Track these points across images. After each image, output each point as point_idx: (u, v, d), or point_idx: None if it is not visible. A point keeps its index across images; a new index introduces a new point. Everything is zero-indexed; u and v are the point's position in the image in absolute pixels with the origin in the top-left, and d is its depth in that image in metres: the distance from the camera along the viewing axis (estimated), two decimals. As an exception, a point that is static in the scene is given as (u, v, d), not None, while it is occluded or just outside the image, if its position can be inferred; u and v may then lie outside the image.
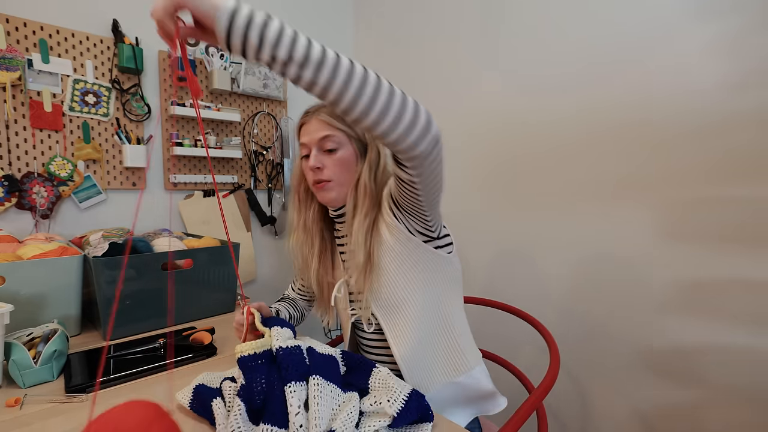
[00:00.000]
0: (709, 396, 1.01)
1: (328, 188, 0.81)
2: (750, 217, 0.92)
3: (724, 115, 0.94)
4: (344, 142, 0.80)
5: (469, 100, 1.50)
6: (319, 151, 0.80)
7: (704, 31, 0.96)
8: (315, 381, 0.57)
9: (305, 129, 0.83)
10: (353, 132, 0.81)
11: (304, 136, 0.83)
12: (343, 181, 0.81)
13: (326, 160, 0.80)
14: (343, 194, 0.82)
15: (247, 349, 0.61)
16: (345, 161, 0.80)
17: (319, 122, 0.80)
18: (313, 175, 0.81)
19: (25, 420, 0.62)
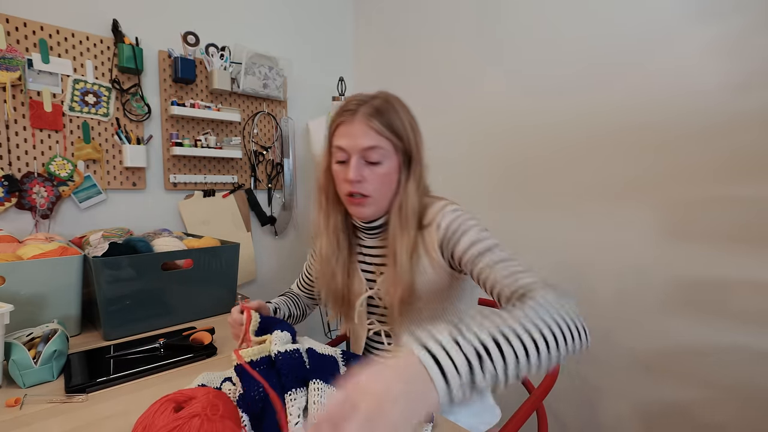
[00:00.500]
0: (709, 396, 1.00)
1: (366, 204, 0.73)
2: (753, 217, 0.92)
3: (727, 116, 0.94)
4: (390, 153, 0.71)
5: (472, 100, 1.49)
6: (361, 162, 0.71)
7: (706, 32, 0.96)
8: (315, 385, 0.57)
9: (346, 130, 0.71)
10: (401, 143, 0.72)
11: (344, 139, 0.71)
12: (381, 197, 0.73)
13: (368, 173, 0.71)
14: (379, 210, 0.75)
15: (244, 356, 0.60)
16: (388, 176, 0.72)
17: (366, 127, 0.70)
18: (349, 186, 0.72)
19: (25, 420, 0.62)
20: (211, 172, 1.56)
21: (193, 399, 0.48)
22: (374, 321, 0.84)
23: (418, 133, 0.75)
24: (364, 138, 0.70)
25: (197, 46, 1.44)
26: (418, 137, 0.75)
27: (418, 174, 0.74)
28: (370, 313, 0.84)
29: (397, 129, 0.71)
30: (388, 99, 0.74)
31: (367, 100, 0.72)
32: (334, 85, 1.83)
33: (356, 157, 0.70)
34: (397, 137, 0.71)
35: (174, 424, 0.44)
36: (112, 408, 0.66)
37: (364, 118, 0.70)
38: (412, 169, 0.74)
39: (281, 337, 0.64)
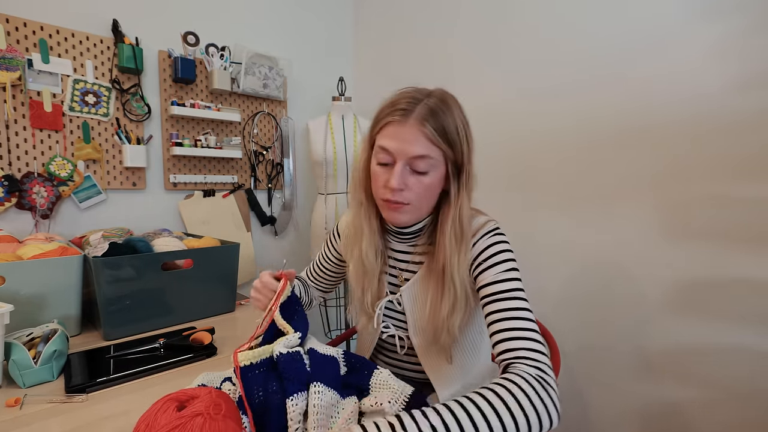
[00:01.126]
0: (710, 396, 1.01)
1: (403, 212, 0.69)
2: (754, 217, 0.92)
3: (727, 117, 0.94)
4: (439, 163, 0.66)
5: (472, 100, 1.49)
6: (407, 169, 0.66)
7: (707, 33, 0.96)
8: (316, 389, 0.57)
9: (396, 132, 0.65)
10: (452, 153, 0.67)
11: (392, 141, 0.65)
12: (421, 206, 0.70)
13: (412, 181, 0.66)
14: (416, 217, 0.71)
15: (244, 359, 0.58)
16: (432, 187, 0.68)
17: (420, 133, 0.64)
18: (389, 193, 0.67)
19: (25, 420, 0.62)
20: (211, 172, 1.56)
21: (195, 398, 0.48)
22: (389, 325, 0.82)
23: (471, 140, 0.70)
24: (414, 145, 0.64)
25: (197, 46, 1.44)
26: (470, 145, 0.70)
27: (471, 185, 0.70)
28: (386, 316, 0.82)
29: (450, 137, 0.66)
30: (444, 98, 0.68)
31: (422, 99, 0.66)
32: (334, 85, 1.83)
33: (401, 163, 0.65)
34: (449, 146, 0.66)
35: (176, 423, 0.44)
36: (112, 408, 0.66)
37: (418, 123, 0.64)
38: (463, 179, 0.69)
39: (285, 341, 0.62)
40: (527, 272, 1.33)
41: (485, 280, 0.68)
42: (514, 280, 0.67)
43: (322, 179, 1.64)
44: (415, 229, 0.75)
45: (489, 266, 0.68)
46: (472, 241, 0.71)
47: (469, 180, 0.70)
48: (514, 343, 0.60)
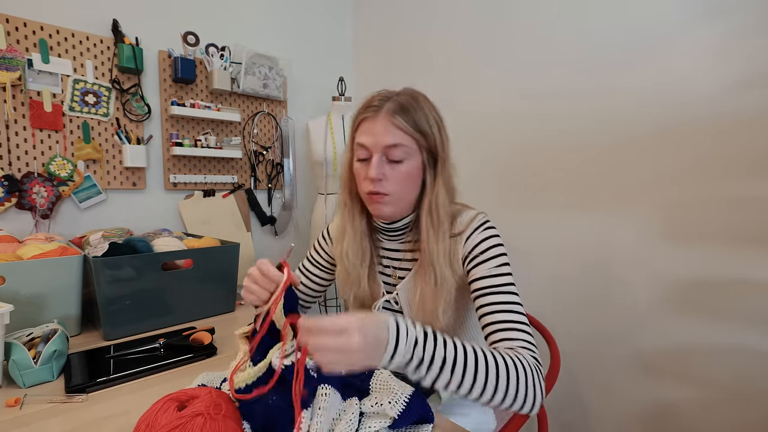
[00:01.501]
0: (709, 396, 1.01)
1: (385, 202, 0.71)
2: (754, 217, 0.92)
3: (728, 117, 0.94)
4: (413, 152, 0.69)
5: (472, 100, 1.50)
6: (383, 160, 0.69)
7: (708, 33, 0.96)
8: (323, 391, 0.56)
9: (369, 127, 0.70)
10: (426, 141, 0.70)
11: (366, 136, 0.70)
12: (402, 196, 0.71)
13: (389, 171, 0.69)
14: (399, 209, 0.73)
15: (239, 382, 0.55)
16: (410, 175, 0.70)
17: (389, 124, 0.68)
18: (370, 185, 0.70)
19: (25, 420, 0.62)
20: (211, 172, 1.56)
21: (195, 398, 0.48)
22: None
23: (444, 131, 0.73)
24: (386, 135, 0.68)
25: (197, 46, 1.44)
26: (444, 136, 0.73)
27: (447, 173, 0.73)
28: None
29: (421, 127, 0.69)
30: (413, 95, 0.72)
31: (391, 96, 0.71)
32: (334, 85, 1.83)
33: (378, 155, 0.69)
34: (421, 135, 0.69)
35: (177, 423, 0.44)
36: (112, 408, 0.66)
37: (388, 115, 0.68)
38: (439, 168, 0.72)
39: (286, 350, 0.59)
40: (527, 272, 1.33)
41: (477, 274, 0.70)
42: (506, 275, 0.69)
43: (322, 179, 1.64)
44: (402, 224, 0.76)
45: (482, 261, 0.70)
46: (464, 236, 0.72)
47: (445, 168, 0.72)
48: (510, 334, 0.63)
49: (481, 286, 0.69)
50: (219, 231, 1.52)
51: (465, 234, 0.72)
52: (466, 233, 0.72)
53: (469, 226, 0.73)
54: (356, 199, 0.77)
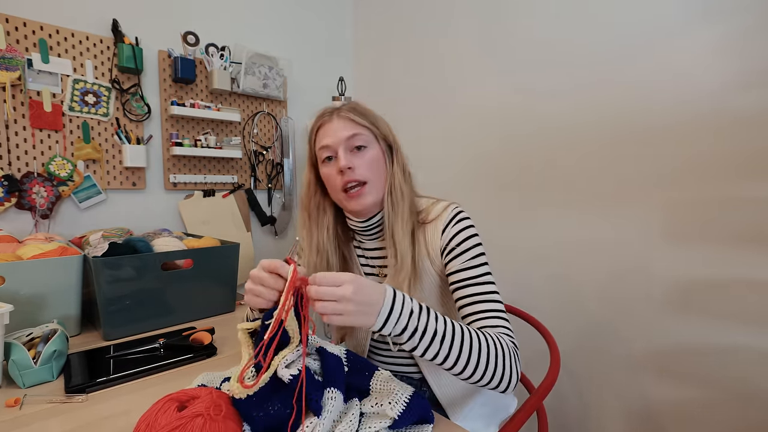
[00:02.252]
0: (709, 396, 1.01)
1: (365, 192, 0.73)
2: (754, 217, 0.92)
3: (727, 117, 0.94)
4: (371, 140, 0.76)
5: (472, 100, 1.50)
6: (348, 151, 0.74)
7: (711, 31, 0.96)
8: (330, 394, 0.56)
9: (326, 130, 0.76)
10: (378, 130, 0.76)
11: (327, 138, 0.75)
12: (377, 184, 0.75)
13: (357, 159, 0.73)
14: (378, 199, 0.75)
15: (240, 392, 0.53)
16: (376, 161, 0.75)
17: (343, 120, 0.75)
18: (343, 177, 0.73)
19: (24, 420, 0.62)
20: (211, 172, 1.56)
21: (196, 399, 0.48)
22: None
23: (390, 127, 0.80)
24: (345, 129, 0.74)
25: (197, 46, 1.44)
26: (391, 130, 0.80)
27: (401, 159, 0.78)
28: None
29: (371, 119, 0.77)
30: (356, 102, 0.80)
31: (339, 105, 0.78)
32: (334, 85, 1.83)
33: (342, 148, 0.74)
34: (374, 125, 0.76)
35: (177, 423, 0.44)
36: (112, 408, 0.66)
37: (341, 113, 0.76)
38: (394, 154, 0.78)
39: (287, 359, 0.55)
40: (528, 272, 1.33)
41: (455, 266, 0.73)
42: (482, 265, 0.73)
43: (322, 179, 1.64)
44: (376, 220, 0.79)
45: (459, 253, 0.73)
46: (440, 227, 0.75)
47: (399, 154, 0.78)
48: (489, 322, 0.68)
49: (459, 279, 0.72)
50: (219, 231, 1.52)
51: (440, 225, 0.75)
52: (440, 224, 0.75)
53: (442, 216, 0.76)
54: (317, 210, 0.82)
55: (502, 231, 1.41)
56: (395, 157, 0.77)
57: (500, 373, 0.61)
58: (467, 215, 0.77)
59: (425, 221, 0.77)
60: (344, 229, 0.85)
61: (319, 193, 0.81)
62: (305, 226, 0.83)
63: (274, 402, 0.54)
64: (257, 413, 0.53)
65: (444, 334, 0.57)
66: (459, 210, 0.77)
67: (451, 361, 0.58)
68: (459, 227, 0.74)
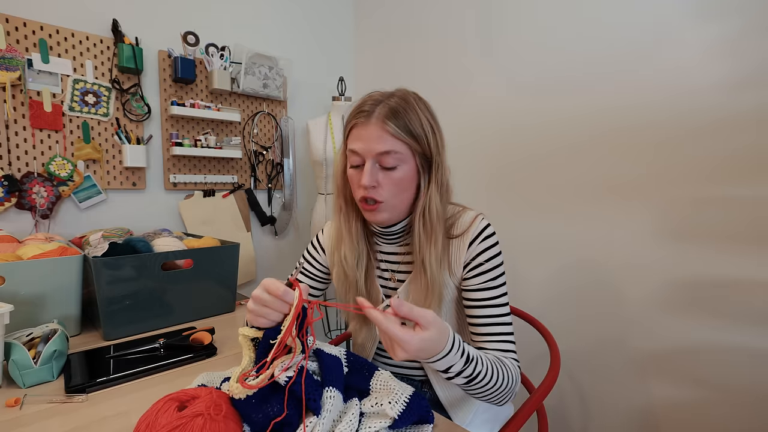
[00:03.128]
0: (709, 396, 1.01)
1: (380, 210, 0.70)
2: (752, 217, 0.92)
3: (725, 116, 0.95)
4: (407, 157, 0.68)
5: (472, 100, 1.50)
6: (375, 166, 0.68)
7: (706, 32, 0.96)
8: (329, 393, 0.56)
9: (361, 133, 0.68)
10: (419, 146, 0.68)
11: (359, 142, 0.68)
12: (396, 203, 0.70)
13: (383, 178, 0.68)
14: (395, 215, 0.72)
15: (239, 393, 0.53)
16: (403, 181, 0.69)
17: (382, 130, 0.66)
18: (363, 192, 0.69)
19: (25, 420, 0.62)
20: (211, 172, 1.56)
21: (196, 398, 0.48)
22: None
23: (438, 133, 0.71)
24: (378, 142, 0.66)
25: (197, 46, 1.44)
26: (438, 138, 0.71)
27: (440, 177, 0.71)
28: None
29: (414, 131, 0.67)
30: (405, 98, 0.70)
31: (383, 100, 0.69)
32: (334, 85, 1.83)
33: (371, 162, 0.67)
34: (414, 140, 0.67)
35: (177, 423, 0.44)
36: (112, 408, 0.66)
37: (379, 121, 0.66)
38: (433, 171, 0.70)
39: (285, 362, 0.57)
40: (527, 272, 1.33)
41: (474, 284, 0.72)
42: (501, 286, 0.73)
43: (322, 179, 1.64)
44: (398, 228, 0.75)
45: (481, 272, 0.72)
46: (467, 241, 0.72)
47: (439, 172, 0.70)
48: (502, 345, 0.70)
49: (476, 298, 0.72)
50: (219, 231, 1.52)
51: (467, 238, 0.72)
52: (468, 238, 0.72)
53: (470, 230, 0.73)
54: (351, 203, 0.77)
55: (501, 230, 1.40)
56: (434, 175, 0.70)
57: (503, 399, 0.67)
58: (493, 229, 0.74)
59: (453, 236, 0.73)
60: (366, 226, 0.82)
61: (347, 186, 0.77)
62: (342, 212, 0.77)
63: (273, 403, 0.54)
64: (256, 414, 0.53)
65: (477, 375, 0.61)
66: (487, 224, 0.74)
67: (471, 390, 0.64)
68: (486, 245, 0.72)
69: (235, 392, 0.53)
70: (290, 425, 0.52)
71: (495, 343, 0.70)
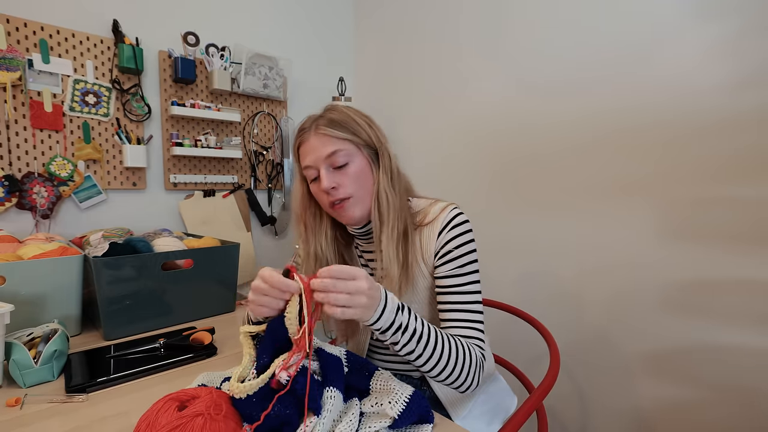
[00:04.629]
0: (708, 396, 1.01)
1: (350, 205, 0.73)
2: (753, 217, 0.92)
3: (726, 116, 0.95)
4: (354, 152, 0.73)
5: (472, 99, 1.50)
6: (330, 170, 0.72)
7: (707, 32, 0.96)
8: (330, 393, 0.56)
9: (306, 148, 0.74)
10: (360, 138, 0.73)
11: (308, 157, 0.73)
12: (363, 195, 0.74)
13: (340, 177, 0.72)
14: (366, 209, 0.75)
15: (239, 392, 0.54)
16: (360, 173, 0.73)
17: (320, 137, 0.72)
18: (328, 197, 0.73)
19: (25, 420, 0.62)
20: (211, 172, 1.56)
21: (196, 398, 0.48)
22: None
23: (374, 125, 0.77)
24: (323, 147, 0.72)
25: (197, 46, 1.44)
26: (375, 129, 0.76)
27: (387, 163, 0.75)
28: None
29: (350, 127, 0.73)
30: (335, 107, 0.77)
31: (317, 115, 0.75)
32: (334, 85, 1.83)
33: (324, 167, 0.72)
34: (353, 134, 0.73)
35: (177, 423, 0.44)
36: (112, 408, 0.66)
37: (318, 130, 0.72)
38: (380, 160, 0.75)
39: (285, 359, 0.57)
40: (527, 272, 1.34)
41: (443, 272, 0.74)
42: (471, 273, 0.74)
43: (322, 179, 1.64)
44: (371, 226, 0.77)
45: (449, 259, 0.73)
46: (436, 230, 0.74)
47: (384, 158, 0.75)
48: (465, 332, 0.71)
49: (444, 284, 0.73)
50: (219, 231, 1.52)
51: (436, 228, 0.74)
52: (437, 226, 0.74)
53: (439, 219, 0.75)
54: (314, 219, 0.81)
55: (501, 230, 1.41)
56: (381, 162, 0.75)
57: (462, 379, 0.66)
58: (465, 218, 0.75)
59: (422, 223, 0.76)
60: (344, 234, 0.85)
61: (314, 203, 0.81)
62: (302, 237, 0.82)
63: (274, 405, 0.54)
64: (257, 414, 0.53)
65: (421, 333, 0.61)
66: (457, 212, 0.75)
67: (423, 359, 0.63)
68: (455, 232, 0.73)
69: (236, 391, 0.53)
70: (290, 425, 0.53)
71: (459, 329, 0.71)
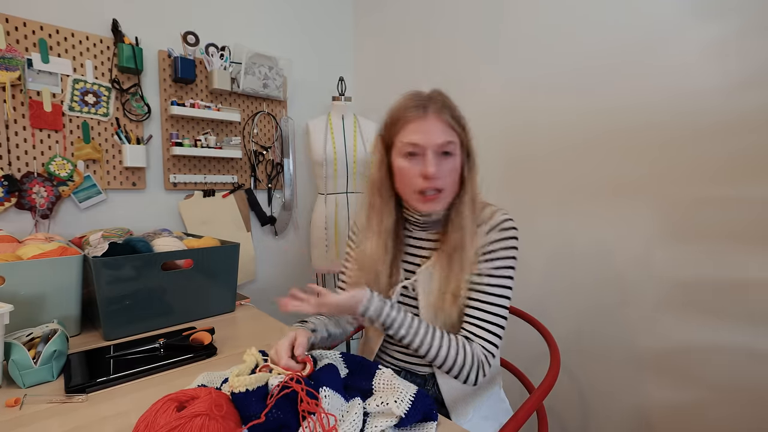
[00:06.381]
0: (708, 396, 1.01)
1: (440, 199, 0.73)
2: (753, 217, 0.92)
3: (726, 116, 0.94)
4: (458, 148, 0.73)
5: (472, 99, 1.49)
6: (437, 156, 0.71)
7: (707, 32, 0.96)
8: (324, 393, 0.56)
9: (420, 126, 0.71)
10: (465, 137, 0.74)
11: (418, 135, 0.71)
12: (451, 192, 0.74)
13: (442, 167, 0.71)
14: (446, 204, 0.75)
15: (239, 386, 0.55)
16: (456, 170, 0.73)
17: (441, 123, 0.71)
18: (424, 182, 0.71)
19: (25, 420, 0.62)
20: (211, 172, 1.56)
21: (195, 399, 0.48)
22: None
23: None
24: (440, 133, 0.70)
25: (197, 46, 1.44)
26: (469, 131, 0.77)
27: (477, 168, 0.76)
28: (400, 303, 0.81)
29: (461, 122, 0.74)
30: (446, 94, 0.76)
31: (432, 96, 0.74)
32: (334, 85, 1.83)
33: (432, 152, 0.70)
34: (462, 130, 0.73)
35: (176, 423, 0.44)
36: (112, 408, 0.66)
37: (437, 114, 0.71)
38: (473, 162, 0.76)
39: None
40: (527, 272, 1.33)
41: (479, 269, 0.73)
42: (504, 278, 0.73)
43: (322, 179, 1.64)
44: (437, 217, 0.78)
45: (489, 259, 0.73)
46: (484, 230, 0.74)
47: (476, 163, 0.76)
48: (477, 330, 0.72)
49: (476, 281, 0.73)
50: (219, 231, 1.52)
51: (485, 228, 0.75)
52: (486, 228, 0.75)
53: (490, 221, 0.75)
54: (389, 198, 0.78)
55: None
56: (473, 164, 0.76)
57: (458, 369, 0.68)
58: (514, 224, 0.75)
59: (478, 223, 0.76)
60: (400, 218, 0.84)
61: (389, 179, 0.77)
62: (376, 209, 0.79)
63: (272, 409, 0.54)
64: (256, 413, 0.53)
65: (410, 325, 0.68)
66: (508, 218, 0.76)
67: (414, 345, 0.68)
68: (501, 236, 0.74)
69: (235, 385, 0.54)
70: (288, 428, 0.52)
71: (470, 326, 0.71)
